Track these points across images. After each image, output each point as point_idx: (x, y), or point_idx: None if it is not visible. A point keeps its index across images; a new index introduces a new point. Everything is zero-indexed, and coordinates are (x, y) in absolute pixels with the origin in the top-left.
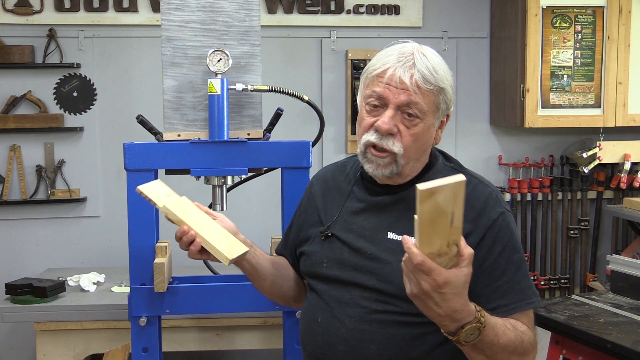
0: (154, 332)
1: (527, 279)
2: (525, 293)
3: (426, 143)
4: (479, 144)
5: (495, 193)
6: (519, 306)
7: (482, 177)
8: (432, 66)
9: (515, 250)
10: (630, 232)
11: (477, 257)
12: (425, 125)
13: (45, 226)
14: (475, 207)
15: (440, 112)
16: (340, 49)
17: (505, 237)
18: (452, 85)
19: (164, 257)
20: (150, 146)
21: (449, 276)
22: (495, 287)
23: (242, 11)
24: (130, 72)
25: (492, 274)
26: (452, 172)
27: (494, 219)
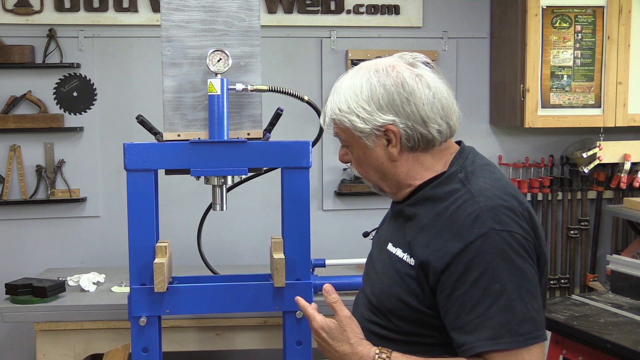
0: (154, 332)
1: (507, 313)
2: (496, 331)
3: (374, 164)
4: (479, 144)
5: (484, 211)
6: (483, 345)
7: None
8: (333, 101)
9: (495, 279)
10: (630, 232)
11: (445, 287)
12: (357, 150)
13: (45, 226)
14: (452, 230)
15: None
16: (340, 49)
17: (483, 264)
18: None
19: (164, 257)
20: (150, 146)
21: (322, 323)
22: (465, 322)
23: (242, 11)
24: (130, 72)
25: (463, 306)
26: (456, 184)
27: (468, 242)
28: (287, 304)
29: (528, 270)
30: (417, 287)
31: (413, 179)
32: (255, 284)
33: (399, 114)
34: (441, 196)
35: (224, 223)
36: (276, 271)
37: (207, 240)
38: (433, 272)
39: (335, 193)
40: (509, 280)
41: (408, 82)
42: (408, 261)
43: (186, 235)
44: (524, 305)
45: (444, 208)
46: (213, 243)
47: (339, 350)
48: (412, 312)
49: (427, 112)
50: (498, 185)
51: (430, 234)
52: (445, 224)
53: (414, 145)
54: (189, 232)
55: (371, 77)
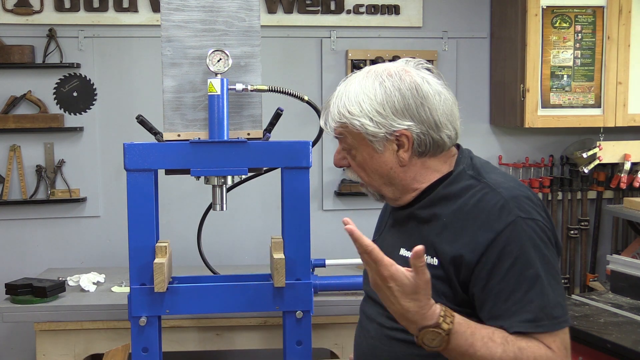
0: (154, 332)
1: (543, 297)
2: (535, 314)
3: (380, 169)
4: (479, 144)
5: (507, 200)
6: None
7: (502, 183)
8: (342, 103)
9: (529, 264)
10: (630, 232)
11: (480, 278)
12: (363, 154)
13: (45, 226)
14: (478, 221)
15: (375, 138)
16: (340, 49)
17: (515, 251)
18: (378, 109)
19: (164, 257)
20: (150, 146)
21: (394, 272)
22: (504, 309)
23: (242, 11)
24: (130, 72)
25: (499, 295)
26: (469, 180)
27: (498, 230)
28: (287, 304)
29: (552, 257)
30: (444, 286)
31: (419, 182)
32: (255, 284)
33: (414, 118)
34: (456, 193)
35: (224, 223)
36: (276, 271)
37: (207, 240)
38: (466, 265)
39: (335, 193)
40: (540, 266)
41: (422, 87)
42: (430, 262)
43: (186, 235)
44: (553, 291)
45: (463, 203)
46: (213, 243)
47: (404, 305)
48: None
49: (439, 117)
50: (510, 178)
51: (455, 229)
52: (470, 217)
53: (424, 151)
54: (189, 232)
55: (385, 81)
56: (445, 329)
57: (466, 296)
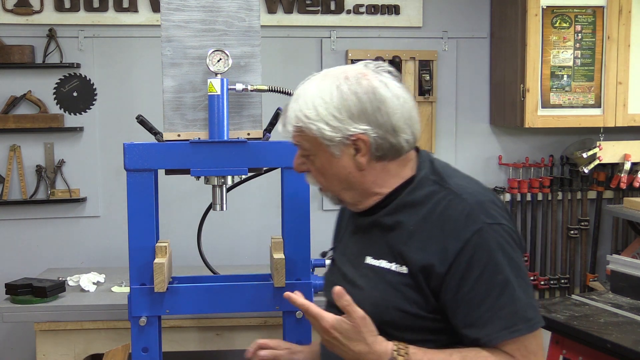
0: (154, 332)
1: (515, 302)
2: (509, 320)
3: (339, 174)
4: (479, 144)
5: (473, 206)
6: (501, 336)
7: (466, 188)
8: (298, 107)
9: (498, 270)
10: (630, 232)
11: (451, 287)
12: (321, 159)
13: (45, 226)
14: (445, 230)
15: (331, 142)
16: (340, 49)
17: (484, 258)
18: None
19: (164, 257)
20: (150, 146)
21: (332, 322)
22: (476, 317)
23: (242, 11)
24: (130, 72)
25: (471, 303)
26: (432, 186)
27: (466, 239)
28: (287, 304)
29: (519, 260)
30: (415, 294)
31: (380, 187)
32: (255, 284)
33: (371, 122)
34: (420, 200)
35: (224, 223)
36: (276, 271)
37: (207, 240)
38: (436, 274)
39: None
40: (509, 270)
41: (379, 91)
42: (399, 270)
43: (186, 235)
44: (524, 293)
45: (429, 211)
46: (213, 243)
47: (355, 350)
48: (414, 319)
49: (397, 121)
50: (472, 182)
51: (423, 238)
52: (437, 226)
53: (383, 155)
54: (189, 232)
55: (341, 85)
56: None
57: (437, 304)
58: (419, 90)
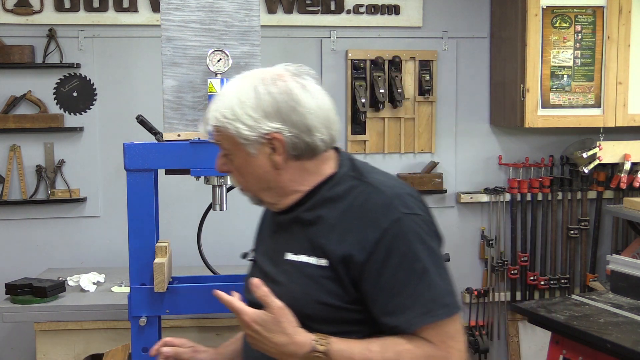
0: (154, 332)
1: (432, 288)
2: (428, 305)
3: (255, 173)
4: (479, 144)
5: (391, 198)
6: (420, 321)
7: (384, 182)
8: (216, 107)
9: (416, 258)
10: (630, 232)
11: (371, 276)
12: (239, 158)
13: (45, 226)
14: (364, 220)
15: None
16: (340, 49)
17: (402, 247)
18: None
19: (164, 257)
20: (150, 146)
21: (252, 315)
22: (396, 304)
23: (242, 11)
24: (130, 72)
25: (391, 290)
26: (352, 182)
27: (384, 228)
28: None
29: (437, 248)
30: (334, 286)
31: (299, 184)
32: None
33: (286, 122)
34: (341, 195)
35: (224, 223)
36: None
37: (207, 240)
38: (355, 263)
39: None
40: (427, 258)
41: (294, 92)
42: (318, 263)
43: (186, 235)
44: (442, 280)
45: (349, 204)
46: (213, 243)
47: (276, 342)
48: (335, 311)
49: (312, 121)
50: (391, 177)
51: (343, 230)
52: (356, 217)
53: (299, 154)
54: (189, 232)
55: (258, 86)
56: (322, 350)
57: (357, 294)
58: (419, 90)
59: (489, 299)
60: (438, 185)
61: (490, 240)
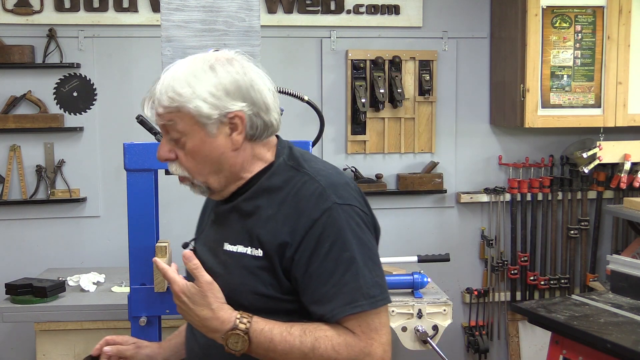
0: (154, 332)
1: (358, 279)
2: (352, 295)
3: (210, 155)
4: (479, 144)
5: (325, 188)
6: (342, 311)
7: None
8: (170, 87)
9: (345, 248)
10: (630, 232)
11: (301, 264)
12: (194, 140)
13: (45, 226)
14: (297, 209)
15: (209, 121)
16: (340, 49)
17: (332, 236)
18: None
19: (164, 257)
20: (150, 146)
21: (182, 286)
22: (323, 293)
23: (242, 11)
24: (130, 72)
25: (319, 279)
26: (290, 172)
27: (315, 218)
28: None
29: (368, 240)
30: (269, 276)
31: (246, 171)
32: None
33: (247, 100)
34: (278, 185)
35: None
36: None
37: None
38: (288, 252)
39: None
40: (356, 249)
41: (248, 71)
42: (254, 254)
43: (186, 235)
44: (370, 272)
45: (285, 195)
46: None
47: (200, 315)
48: (269, 301)
49: (269, 99)
50: (329, 166)
51: (278, 220)
52: (290, 207)
53: (255, 134)
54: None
55: (214, 65)
56: (243, 328)
57: (290, 284)
58: (419, 90)
59: (489, 299)
60: (438, 185)
61: (490, 240)
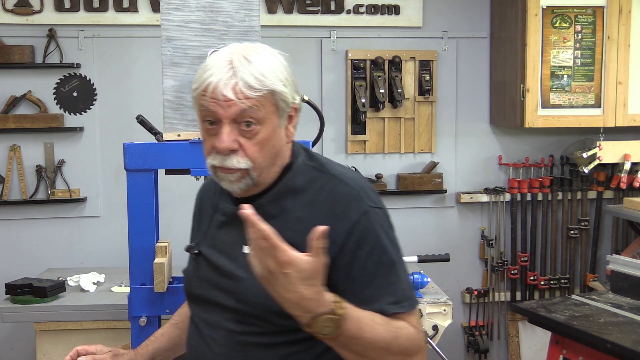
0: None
1: (400, 281)
2: (395, 297)
3: (275, 146)
4: (479, 144)
5: (357, 190)
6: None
7: (347, 174)
8: (257, 70)
9: (384, 251)
10: (630, 232)
11: (342, 266)
12: (267, 129)
13: (45, 226)
14: (333, 212)
15: (281, 110)
16: (340, 49)
17: (371, 239)
18: (288, 78)
19: (164, 257)
20: (150, 146)
21: (292, 257)
22: (367, 295)
23: (242, 11)
24: (130, 72)
25: (362, 282)
26: (313, 172)
27: (354, 220)
28: None
29: (397, 242)
30: None
31: (279, 165)
32: None
33: (297, 92)
34: (303, 186)
35: None
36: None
37: None
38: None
39: None
40: (392, 251)
41: None
42: None
43: (186, 235)
44: (405, 274)
45: (313, 197)
46: None
47: (302, 293)
48: None
49: None
50: (349, 169)
51: (311, 222)
52: (324, 209)
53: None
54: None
55: (275, 54)
56: (340, 314)
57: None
58: (419, 90)
59: (489, 299)
60: (438, 185)
61: (490, 240)
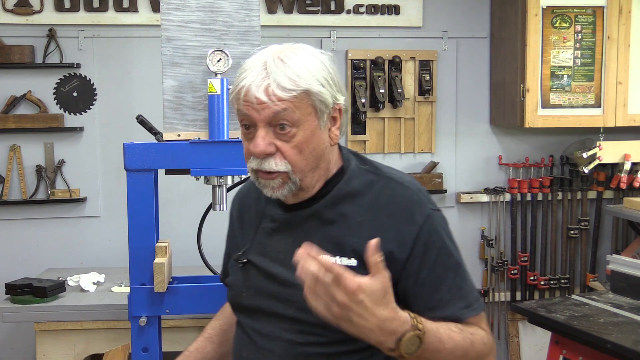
0: (154, 332)
1: (467, 282)
2: (467, 300)
3: (317, 149)
4: (479, 144)
5: (418, 194)
6: (464, 314)
7: (403, 176)
8: (291, 70)
9: (449, 254)
10: (630, 232)
11: (412, 272)
12: (305, 132)
13: (45, 226)
14: (398, 215)
15: (320, 112)
16: (340, 49)
17: (437, 242)
18: (327, 78)
19: (164, 257)
20: (150, 146)
21: (360, 281)
22: (437, 299)
23: (242, 11)
24: (130, 72)
25: (432, 286)
26: (368, 175)
27: (420, 224)
28: None
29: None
30: None
31: (330, 171)
32: None
33: (342, 92)
34: (360, 190)
35: (224, 223)
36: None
37: (207, 240)
38: (397, 261)
39: None
40: (456, 254)
41: None
42: (347, 263)
43: (186, 235)
44: (469, 275)
45: (373, 200)
46: (213, 243)
47: (380, 315)
48: None
49: None
50: (401, 172)
51: (374, 226)
52: (386, 213)
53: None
54: (189, 232)
55: (315, 54)
56: (422, 329)
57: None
58: (419, 90)
59: (489, 299)
60: (438, 185)
61: (490, 240)
